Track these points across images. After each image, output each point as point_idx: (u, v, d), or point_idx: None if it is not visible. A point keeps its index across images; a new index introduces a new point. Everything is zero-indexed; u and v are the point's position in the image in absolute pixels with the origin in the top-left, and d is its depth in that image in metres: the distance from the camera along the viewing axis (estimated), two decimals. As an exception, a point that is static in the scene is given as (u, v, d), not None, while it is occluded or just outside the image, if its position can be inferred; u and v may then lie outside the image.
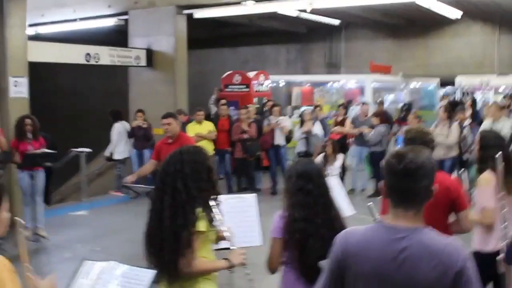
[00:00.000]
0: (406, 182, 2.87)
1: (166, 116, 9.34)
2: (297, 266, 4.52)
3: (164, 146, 9.10)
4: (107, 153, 16.04)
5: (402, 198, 2.91)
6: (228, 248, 5.83)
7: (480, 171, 5.77)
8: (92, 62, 16.32)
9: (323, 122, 15.56)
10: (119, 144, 15.48)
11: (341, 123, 15.62)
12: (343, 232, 3.06)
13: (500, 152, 5.26)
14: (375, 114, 15.22)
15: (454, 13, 19.84)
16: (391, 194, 2.94)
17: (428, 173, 2.91)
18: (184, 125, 14.97)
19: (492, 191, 5.42)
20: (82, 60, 16.08)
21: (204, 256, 4.30)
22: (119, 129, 15.54)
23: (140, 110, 15.52)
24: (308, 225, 4.46)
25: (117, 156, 15.71)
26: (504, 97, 19.50)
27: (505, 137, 11.77)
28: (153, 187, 4.56)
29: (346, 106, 17.09)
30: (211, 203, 4.34)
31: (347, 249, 2.94)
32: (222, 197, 5.96)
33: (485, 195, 5.45)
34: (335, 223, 4.53)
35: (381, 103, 17.63)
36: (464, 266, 2.81)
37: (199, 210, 4.17)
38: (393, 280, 2.82)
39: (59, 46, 15.86)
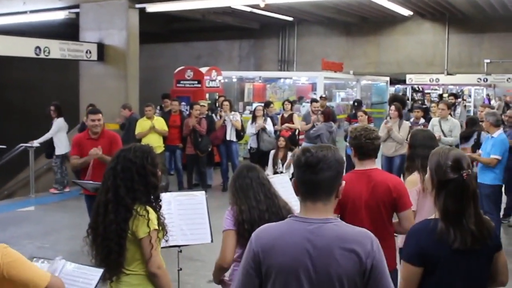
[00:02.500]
0: (308, 174, 2.99)
1: (96, 111, 8.79)
2: None
3: (88, 142, 8.57)
4: (58, 150, 15.29)
5: (308, 190, 3.02)
6: (178, 246, 5.84)
7: (407, 169, 5.88)
8: (42, 55, 16.09)
9: (273, 118, 15.58)
10: (62, 139, 15.18)
11: (289, 119, 15.64)
12: (259, 229, 3.11)
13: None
14: (322, 112, 15.34)
15: (405, 11, 20.13)
16: (299, 187, 3.05)
17: (329, 167, 3.00)
18: (129, 121, 14.90)
19: (415, 194, 5.53)
20: (31, 54, 15.84)
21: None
22: (61, 124, 15.21)
23: (91, 105, 15.29)
24: (252, 212, 4.62)
25: (59, 151, 15.23)
26: (449, 96, 19.83)
27: (454, 136, 11.98)
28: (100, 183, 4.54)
29: (292, 102, 17.10)
30: (157, 201, 4.38)
31: (262, 243, 2.99)
32: (172, 194, 5.98)
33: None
34: (282, 210, 4.71)
35: (325, 98, 17.78)
36: (377, 255, 2.92)
37: (140, 207, 4.20)
38: (309, 272, 2.90)
39: (8, 39, 15.60)
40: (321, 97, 17.53)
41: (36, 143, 15.09)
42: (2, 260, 3.23)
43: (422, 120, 13.88)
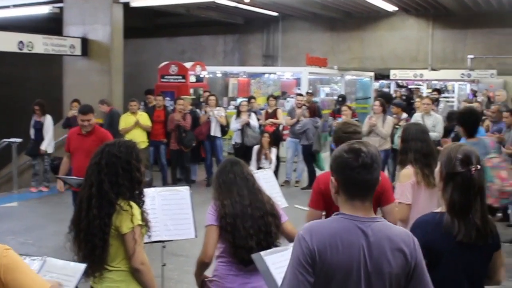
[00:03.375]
0: (364, 175, 2.97)
1: (86, 112, 8.85)
2: (231, 252, 4.59)
3: (79, 137, 8.77)
4: (48, 149, 14.75)
5: (359, 191, 3.00)
6: (161, 241, 5.84)
7: (401, 163, 5.90)
8: (25, 50, 16.01)
9: (256, 113, 15.59)
10: (51, 137, 14.83)
11: (273, 114, 15.65)
12: (307, 226, 3.03)
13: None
14: (308, 107, 15.35)
15: (389, 6, 20.19)
16: (349, 187, 3.01)
17: (379, 165, 3.03)
18: (111, 116, 14.83)
19: (409, 187, 5.56)
20: (14, 48, 15.75)
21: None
22: (51, 121, 14.83)
23: (75, 100, 15.25)
24: (235, 206, 4.61)
25: (51, 149, 14.87)
26: (433, 91, 19.89)
27: (438, 131, 12.06)
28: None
29: (276, 97, 17.12)
30: (141, 196, 4.38)
31: (317, 241, 2.92)
32: (156, 190, 5.97)
33: (402, 190, 5.59)
34: (265, 204, 4.71)
35: (311, 94, 17.83)
36: (418, 254, 3.01)
37: (123, 203, 4.21)
38: (364, 269, 2.91)
39: (-9, 33, 15.51)
40: (307, 93, 17.57)
41: (44, 147, 14.56)
42: (1, 261, 2.83)
43: (404, 115, 13.93)
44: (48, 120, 14.64)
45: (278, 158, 14.27)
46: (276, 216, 4.72)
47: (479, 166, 3.63)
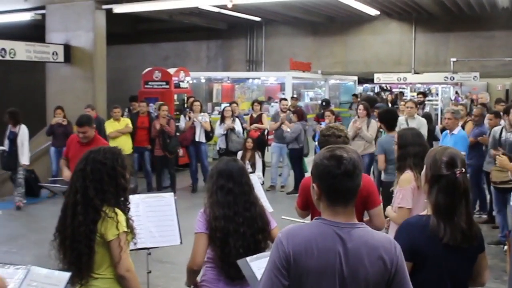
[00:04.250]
0: (346, 182, 2.97)
1: (82, 124, 8.60)
2: (218, 264, 4.56)
3: (78, 145, 8.61)
4: (27, 161, 13.58)
5: (341, 197, 3.00)
6: (147, 248, 5.83)
7: (399, 169, 5.92)
8: (8, 57, 15.94)
9: (239, 118, 15.63)
10: (27, 148, 13.54)
11: (258, 119, 15.67)
12: (285, 230, 3.04)
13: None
14: (294, 111, 15.36)
15: (372, 11, 20.25)
16: (329, 194, 3.01)
17: (361, 171, 3.04)
18: (98, 122, 14.73)
19: (410, 192, 5.59)
20: (-4, 56, 15.69)
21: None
22: (26, 131, 13.57)
23: (59, 107, 15.17)
24: (228, 224, 4.51)
25: (25, 161, 13.53)
26: (418, 94, 19.96)
27: (423, 134, 12.17)
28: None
29: (261, 102, 17.15)
30: (126, 203, 4.37)
31: (294, 245, 2.93)
32: (140, 196, 5.97)
33: (403, 195, 5.60)
34: (257, 221, 4.62)
35: (296, 98, 17.87)
36: (399, 261, 3.00)
37: (109, 209, 4.20)
38: (339, 275, 2.91)
39: (-28, 41, 15.44)
40: (292, 98, 17.61)
41: (25, 161, 13.34)
42: None
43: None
44: (22, 131, 13.40)
45: (263, 163, 14.28)
46: (266, 231, 4.67)
47: (463, 169, 3.65)
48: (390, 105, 20.66)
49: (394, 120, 10.06)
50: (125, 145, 13.77)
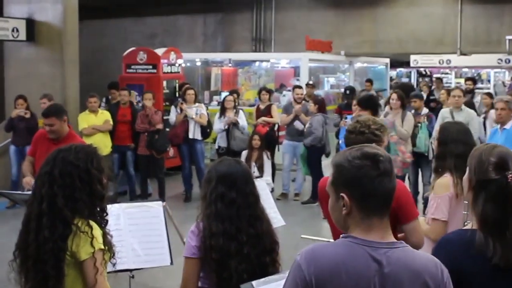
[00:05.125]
0: (386, 184, 2.97)
1: (48, 114, 8.54)
2: None
3: (46, 143, 8.46)
4: None
5: (379, 204, 3.00)
6: (129, 270, 5.82)
7: (436, 170, 5.89)
8: (-42, 35, 15.98)
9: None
10: None
11: (266, 111, 15.61)
12: (306, 251, 2.98)
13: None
14: (314, 101, 15.31)
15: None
16: (365, 202, 2.98)
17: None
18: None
19: (447, 200, 5.56)
20: None
21: None
22: None
23: (21, 96, 15.15)
24: (228, 243, 4.44)
25: None
26: (467, 80, 19.90)
27: (474, 131, 12.18)
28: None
29: (270, 90, 17.05)
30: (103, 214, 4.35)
31: (316, 271, 2.89)
32: (121, 206, 5.95)
33: (438, 204, 5.59)
34: (264, 240, 4.56)
35: (312, 86, 17.84)
36: (447, 286, 3.00)
37: (81, 222, 4.15)
38: None
39: None
40: (307, 85, 17.58)
41: None
42: None
43: (425, 110, 13.90)
44: None
45: (273, 165, 14.27)
46: (275, 251, 4.63)
47: None
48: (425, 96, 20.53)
49: (377, 106, 11.39)
50: (103, 143, 13.70)
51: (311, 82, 18.64)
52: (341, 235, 3.07)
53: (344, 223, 3.05)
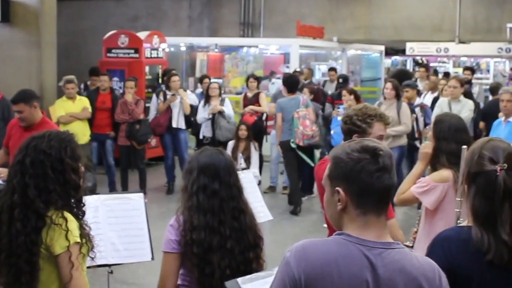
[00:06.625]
0: (385, 180, 2.97)
1: (16, 101, 8.56)
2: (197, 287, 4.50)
3: (19, 131, 8.54)
4: None
5: (377, 201, 2.99)
6: (107, 265, 5.81)
7: (434, 167, 5.90)
8: None
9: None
10: None
11: (254, 99, 15.57)
12: (295, 247, 2.97)
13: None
14: (310, 89, 15.33)
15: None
16: (362, 198, 2.98)
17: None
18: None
19: (438, 191, 5.60)
20: None
21: None
22: None
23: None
24: (211, 236, 4.44)
25: None
26: (465, 70, 19.93)
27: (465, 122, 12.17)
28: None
29: (258, 78, 16.98)
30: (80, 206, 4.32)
31: (306, 269, 2.87)
32: (99, 198, 5.93)
33: (429, 190, 5.72)
34: (248, 234, 4.56)
35: (310, 70, 17.85)
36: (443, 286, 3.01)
37: (55, 214, 4.13)
38: None
39: None
40: (307, 68, 17.51)
41: None
42: None
43: (418, 100, 13.88)
44: None
45: (261, 157, 14.27)
46: (259, 247, 4.64)
47: (506, 165, 3.49)
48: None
49: (297, 84, 14.30)
50: (81, 131, 13.59)
51: (298, 69, 18.56)
52: (334, 233, 3.06)
53: (338, 219, 3.04)
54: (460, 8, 22.54)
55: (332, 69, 21.09)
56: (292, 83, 14.06)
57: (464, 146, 4.90)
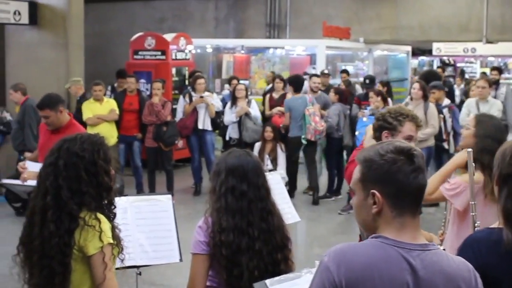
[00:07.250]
0: (420, 180, 2.97)
1: (41, 106, 8.54)
2: None
3: (47, 133, 8.60)
4: None
5: (412, 202, 3.00)
6: (136, 267, 5.84)
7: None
8: (-43, 18, 16.02)
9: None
10: None
11: (280, 101, 15.56)
12: (334, 252, 2.96)
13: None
14: (336, 91, 15.32)
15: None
16: (399, 199, 2.97)
17: None
18: (24, 108, 14.18)
19: (467, 191, 5.55)
20: None
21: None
22: None
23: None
24: (239, 238, 4.45)
25: None
26: (492, 70, 19.82)
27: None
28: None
29: (284, 79, 16.85)
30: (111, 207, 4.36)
31: (347, 273, 2.86)
32: (128, 199, 5.96)
33: (460, 192, 5.63)
34: (276, 235, 4.57)
35: (327, 75, 17.83)
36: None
37: (89, 215, 4.16)
38: None
39: None
40: (322, 74, 17.50)
41: None
42: None
43: (446, 101, 13.77)
44: None
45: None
46: (287, 248, 4.63)
47: None
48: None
49: (301, 84, 15.32)
50: (108, 133, 13.68)
51: (326, 71, 18.52)
52: (370, 236, 3.05)
53: (373, 223, 3.02)
54: (487, 7, 22.39)
55: (344, 71, 20.99)
56: (298, 83, 15.16)
57: (470, 149, 4.93)
